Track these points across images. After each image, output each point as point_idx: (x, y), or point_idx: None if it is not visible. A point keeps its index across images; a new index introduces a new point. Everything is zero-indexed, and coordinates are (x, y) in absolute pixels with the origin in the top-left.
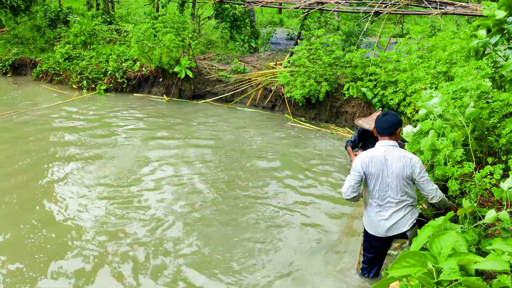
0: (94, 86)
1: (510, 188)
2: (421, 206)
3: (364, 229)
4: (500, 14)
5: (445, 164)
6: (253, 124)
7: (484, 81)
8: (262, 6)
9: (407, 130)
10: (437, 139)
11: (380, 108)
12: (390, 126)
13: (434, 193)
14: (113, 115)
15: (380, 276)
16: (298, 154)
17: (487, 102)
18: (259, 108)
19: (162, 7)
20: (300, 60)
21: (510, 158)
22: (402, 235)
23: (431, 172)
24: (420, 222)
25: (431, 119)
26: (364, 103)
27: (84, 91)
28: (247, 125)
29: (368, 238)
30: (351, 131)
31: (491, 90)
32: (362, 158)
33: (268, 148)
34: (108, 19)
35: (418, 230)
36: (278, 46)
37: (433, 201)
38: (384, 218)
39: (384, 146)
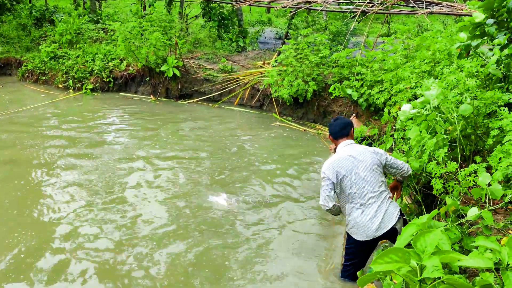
0: (80, 86)
1: (490, 185)
2: (405, 202)
3: (349, 237)
4: (480, 17)
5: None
6: (241, 123)
7: (467, 79)
8: (250, 5)
9: (405, 108)
10: (427, 132)
11: (354, 114)
12: (343, 128)
13: (406, 166)
14: (99, 115)
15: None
16: (286, 154)
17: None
18: (247, 107)
19: (149, 6)
20: (287, 60)
21: (492, 157)
22: (391, 233)
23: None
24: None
25: (425, 109)
26: (351, 102)
27: (70, 90)
28: (235, 125)
29: (354, 245)
30: None
31: (475, 89)
32: (329, 164)
33: (255, 148)
34: (95, 18)
35: (402, 228)
36: (267, 46)
37: (409, 172)
38: (370, 217)
39: (346, 146)
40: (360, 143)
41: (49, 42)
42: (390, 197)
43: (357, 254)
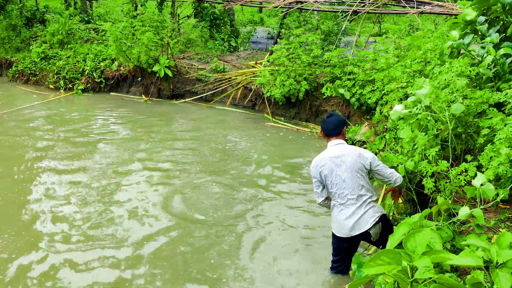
0: (71, 86)
1: (482, 184)
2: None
3: (332, 232)
4: (471, 14)
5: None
6: (233, 124)
7: (458, 79)
8: (241, 5)
9: (397, 109)
10: (419, 131)
11: (367, 124)
12: (336, 126)
13: (395, 176)
14: (91, 115)
15: (348, 275)
16: (278, 153)
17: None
18: (239, 107)
19: (141, 6)
20: (279, 59)
21: (482, 156)
22: (366, 235)
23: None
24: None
25: (417, 108)
26: (343, 102)
27: (61, 91)
28: (227, 125)
29: (335, 240)
30: None
31: (465, 89)
32: (315, 162)
33: (248, 148)
34: (86, 18)
35: (394, 227)
36: (259, 45)
37: (397, 183)
38: (346, 216)
39: (334, 146)
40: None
41: (40, 43)
42: (372, 201)
43: (339, 250)
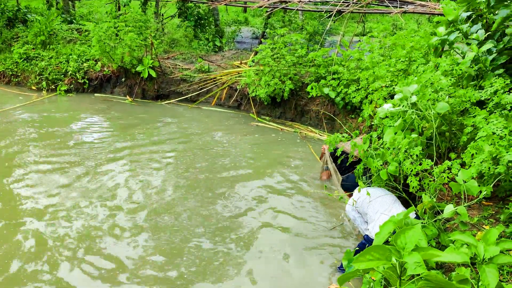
0: (54, 87)
1: (466, 181)
2: None
3: (367, 240)
4: (453, 14)
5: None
6: (219, 124)
7: (442, 78)
8: (226, 4)
9: (385, 108)
10: (404, 129)
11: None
12: (353, 185)
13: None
14: (74, 116)
15: None
16: (262, 153)
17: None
18: (224, 107)
19: (124, 6)
20: (264, 59)
21: (465, 153)
22: None
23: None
24: None
25: (403, 106)
26: (328, 101)
27: (44, 92)
28: (213, 125)
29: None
30: (314, 130)
31: (449, 86)
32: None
33: (233, 149)
34: (69, 18)
35: (380, 225)
36: (244, 45)
37: None
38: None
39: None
40: (334, 153)
41: (22, 43)
42: None
43: None
